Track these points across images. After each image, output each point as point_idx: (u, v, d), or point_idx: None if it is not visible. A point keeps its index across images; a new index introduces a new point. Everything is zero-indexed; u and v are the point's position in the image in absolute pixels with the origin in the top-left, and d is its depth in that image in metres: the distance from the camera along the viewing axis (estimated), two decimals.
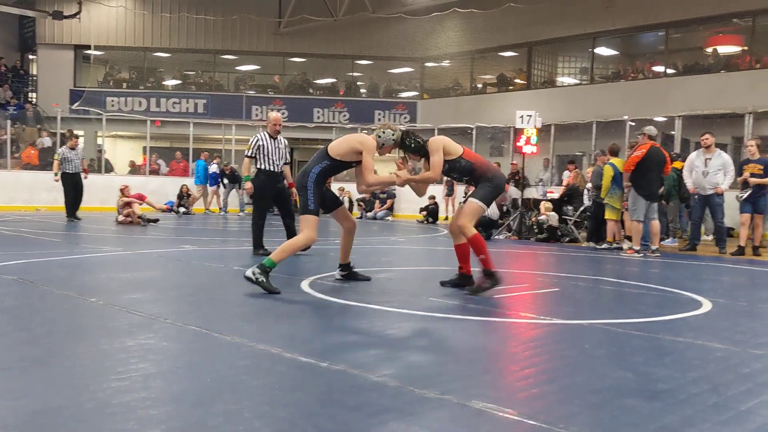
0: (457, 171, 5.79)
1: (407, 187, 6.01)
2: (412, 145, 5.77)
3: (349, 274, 6.19)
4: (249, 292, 5.38)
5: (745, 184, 10.37)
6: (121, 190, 13.95)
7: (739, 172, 10.56)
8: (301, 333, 4.13)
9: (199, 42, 24.93)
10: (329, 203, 5.97)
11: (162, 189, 19.41)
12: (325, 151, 5.69)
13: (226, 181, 19.35)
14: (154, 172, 21.32)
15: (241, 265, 7.33)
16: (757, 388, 3.10)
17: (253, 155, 8.34)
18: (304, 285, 5.85)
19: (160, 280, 6.28)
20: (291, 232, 8.44)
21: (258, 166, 8.37)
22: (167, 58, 26.01)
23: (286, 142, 8.68)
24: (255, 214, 8.56)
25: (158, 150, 23.06)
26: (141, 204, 14.23)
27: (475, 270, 5.87)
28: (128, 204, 13.63)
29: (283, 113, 24.21)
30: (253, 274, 5.37)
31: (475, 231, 5.64)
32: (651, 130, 10.02)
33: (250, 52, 25.26)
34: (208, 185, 19.86)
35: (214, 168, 20.09)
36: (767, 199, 10.46)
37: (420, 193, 6.16)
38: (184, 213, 18.79)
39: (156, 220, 14.12)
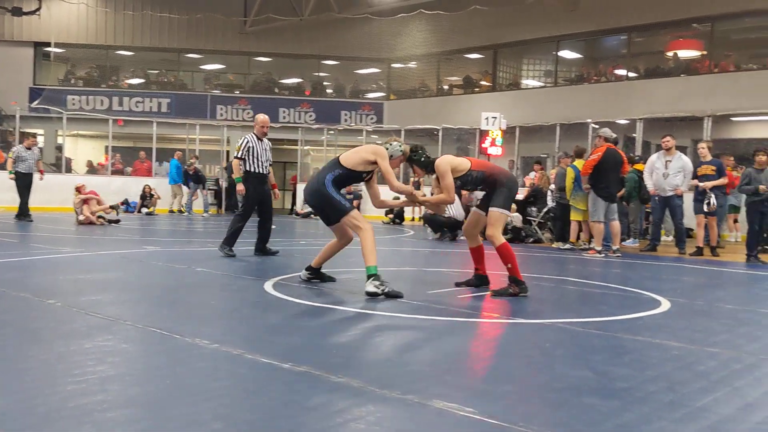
0: (470, 184, 5.89)
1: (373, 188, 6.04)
2: (422, 159, 5.85)
3: (315, 275, 6.14)
4: (211, 293, 5.32)
5: (699, 190, 10.61)
6: (77, 189, 13.66)
7: (694, 174, 10.78)
8: (264, 334, 4.10)
9: (163, 40, 24.61)
10: (334, 217, 5.74)
11: (125, 189, 19.13)
12: (337, 161, 5.69)
13: (190, 182, 19.10)
14: (118, 171, 21.00)
15: (205, 266, 7.25)
16: (712, 385, 3.16)
17: (243, 157, 8.35)
18: (268, 286, 5.81)
19: (120, 282, 6.18)
20: (266, 234, 8.51)
21: (246, 168, 8.38)
22: (130, 56, 25.65)
23: (270, 143, 8.73)
24: (240, 215, 8.57)
25: (121, 150, 22.72)
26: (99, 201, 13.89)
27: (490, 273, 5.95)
28: (85, 201, 13.34)
29: (248, 113, 24.06)
30: (376, 288, 5.27)
31: (503, 240, 5.68)
32: (606, 132, 10.19)
33: (215, 51, 25.02)
34: (182, 185, 19.77)
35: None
36: (720, 200, 10.69)
37: (440, 212, 6.20)
38: (147, 213, 18.54)
39: (117, 221, 13.90)
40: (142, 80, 25.58)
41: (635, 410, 2.76)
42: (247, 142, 8.38)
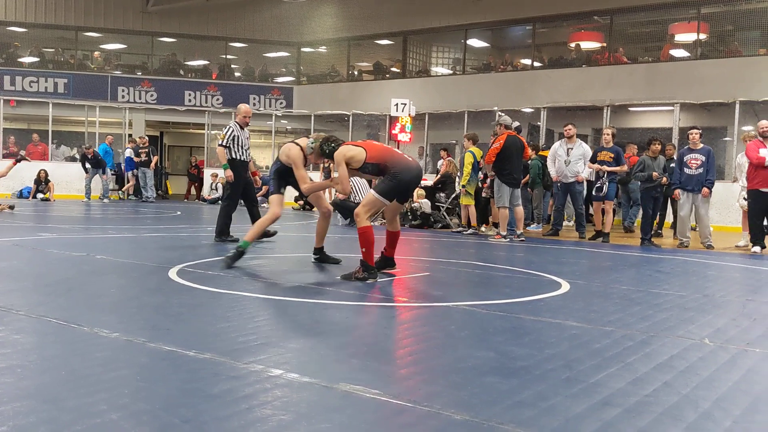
0: (369, 173, 6.02)
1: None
2: (327, 151, 6.17)
3: (321, 257, 6.77)
4: (111, 281, 5.14)
5: (597, 174, 11.04)
6: None
7: (593, 158, 11.18)
8: (166, 322, 3.99)
9: (59, 17, 23.36)
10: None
11: (17, 174, 18.12)
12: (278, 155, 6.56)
13: (88, 165, 18.22)
14: (12, 155, 19.86)
15: (105, 254, 6.99)
16: (605, 362, 3.32)
17: (228, 145, 8.56)
18: (172, 273, 5.66)
19: (13, 270, 5.86)
20: (255, 218, 8.64)
21: (231, 156, 8.60)
22: (23, 33, 24.19)
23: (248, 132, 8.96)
24: (228, 202, 8.75)
25: (14, 132, 21.49)
26: None
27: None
28: None
29: (151, 95, 23.23)
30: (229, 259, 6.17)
31: (367, 223, 5.74)
32: (506, 120, 10.45)
33: (115, 30, 23.95)
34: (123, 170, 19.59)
35: (128, 153, 19.64)
36: (612, 187, 11.10)
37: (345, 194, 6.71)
38: (42, 199, 17.68)
39: (12, 207, 13.18)
40: (36, 59, 24.20)
41: (533, 387, 2.86)
42: (232, 130, 8.63)
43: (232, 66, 25.72)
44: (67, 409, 2.45)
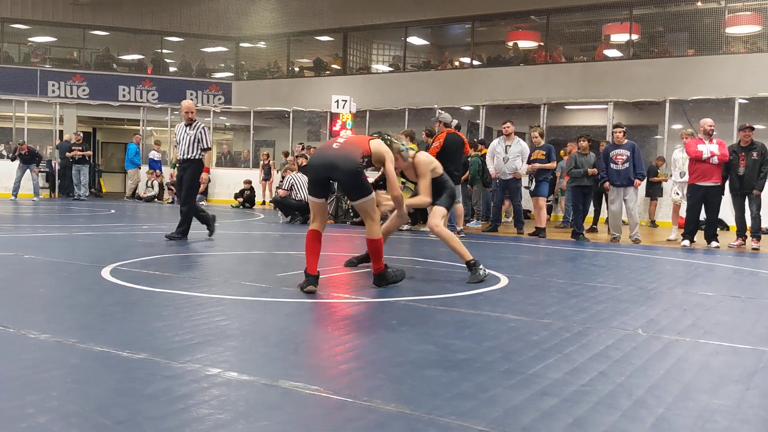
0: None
1: (219, 171, 6.06)
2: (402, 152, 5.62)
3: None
4: (41, 281, 4.94)
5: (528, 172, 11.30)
6: None
7: (528, 158, 11.41)
8: (99, 322, 3.85)
9: None
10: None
11: None
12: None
13: (18, 162, 17.51)
14: None
15: (34, 253, 6.73)
16: (543, 353, 3.37)
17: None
18: (105, 272, 5.49)
19: None
20: (185, 217, 8.38)
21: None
22: None
23: (200, 126, 8.62)
24: (193, 202, 8.51)
25: None
26: None
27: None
28: None
29: (83, 90, 22.53)
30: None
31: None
32: (446, 117, 10.52)
33: (44, 22, 23.10)
34: (139, 169, 19.43)
35: (155, 154, 19.50)
36: (545, 185, 11.31)
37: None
38: None
39: None
40: None
41: (473, 379, 2.88)
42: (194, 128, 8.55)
43: (168, 61, 25.16)
44: None
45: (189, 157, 8.50)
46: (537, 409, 2.54)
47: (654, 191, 14.70)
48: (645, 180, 10.50)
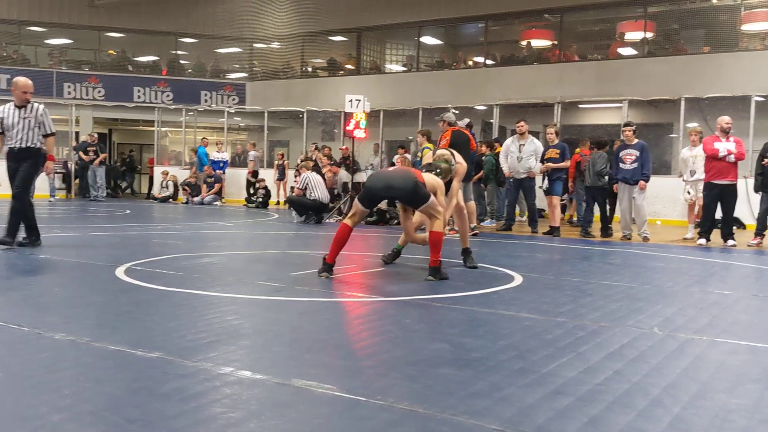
0: None
1: (235, 171, 6.11)
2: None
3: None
4: (55, 280, 4.97)
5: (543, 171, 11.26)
6: None
7: (542, 156, 11.35)
8: (113, 321, 3.87)
9: (2, 11, 22.60)
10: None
11: None
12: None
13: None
14: None
15: (48, 253, 6.78)
16: (558, 352, 3.34)
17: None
18: (119, 272, 5.51)
19: None
20: (13, 215, 7.27)
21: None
22: None
23: (41, 109, 7.49)
24: (27, 197, 7.50)
25: None
26: None
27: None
28: None
29: (99, 92, 22.67)
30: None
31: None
32: (450, 116, 10.43)
33: (60, 24, 23.28)
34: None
35: (216, 155, 19.27)
36: (559, 184, 11.26)
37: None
38: None
39: None
40: None
41: (487, 378, 2.86)
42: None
43: (183, 62, 25.28)
44: (5, 412, 2.34)
45: (28, 145, 7.24)
46: (551, 409, 2.51)
47: None
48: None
